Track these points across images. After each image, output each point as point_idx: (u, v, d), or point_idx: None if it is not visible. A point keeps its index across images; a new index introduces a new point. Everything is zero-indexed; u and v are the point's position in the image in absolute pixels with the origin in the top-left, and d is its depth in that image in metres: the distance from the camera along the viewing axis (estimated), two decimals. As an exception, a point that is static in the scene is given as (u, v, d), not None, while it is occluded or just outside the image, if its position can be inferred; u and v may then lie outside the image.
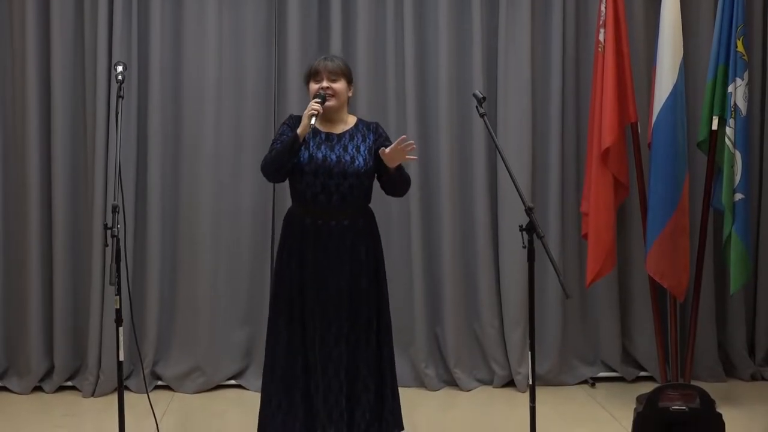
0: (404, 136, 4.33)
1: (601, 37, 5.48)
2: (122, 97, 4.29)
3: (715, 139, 5.37)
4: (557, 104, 6.01)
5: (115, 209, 3.98)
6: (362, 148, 4.46)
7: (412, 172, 5.88)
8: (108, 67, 5.73)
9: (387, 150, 4.30)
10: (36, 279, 5.83)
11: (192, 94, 5.90)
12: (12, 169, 5.87)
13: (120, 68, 4.35)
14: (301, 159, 4.37)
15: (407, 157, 4.34)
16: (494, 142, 4.35)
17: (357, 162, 4.41)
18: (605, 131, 5.37)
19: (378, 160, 4.44)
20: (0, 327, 5.87)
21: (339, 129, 4.50)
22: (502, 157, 4.30)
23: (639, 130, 5.58)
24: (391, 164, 4.37)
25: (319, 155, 4.39)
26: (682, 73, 5.35)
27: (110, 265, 3.89)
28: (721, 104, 5.31)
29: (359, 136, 4.51)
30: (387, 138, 4.59)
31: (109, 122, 5.74)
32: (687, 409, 4.20)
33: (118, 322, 4.06)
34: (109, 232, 3.95)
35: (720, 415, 4.23)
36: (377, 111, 5.94)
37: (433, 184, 6.00)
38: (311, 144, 4.39)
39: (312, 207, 4.39)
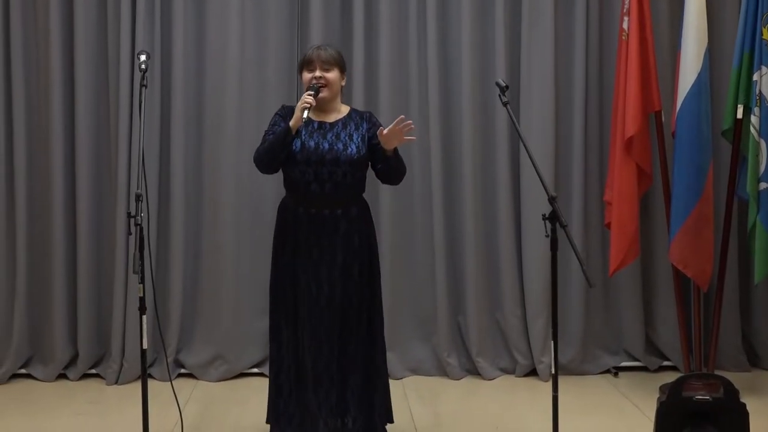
0: (402, 116, 4.29)
1: (624, 25, 5.44)
2: (145, 86, 4.30)
3: (739, 127, 5.32)
4: (580, 93, 5.98)
5: (138, 198, 3.99)
6: (355, 136, 4.46)
7: (435, 160, 5.91)
8: (131, 56, 5.76)
9: (385, 131, 4.27)
10: (60, 267, 5.86)
11: (214, 83, 5.92)
12: (36, 158, 5.90)
13: (143, 57, 4.36)
14: (294, 148, 4.36)
15: (406, 137, 4.31)
16: (517, 130, 4.33)
17: (350, 149, 4.40)
18: (629, 120, 5.34)
19: (371, 149, 4.45)
20: (25, 315, 5.90)
21: (332, 118, 4.50)
22: (525, 145, 4.27)
23: (663, 119, 5.55)
24: (389, 146, 4.34)
25: (311, 143, 4.38)
26: (707, 61, 5.31)
27: (134, 253, 3.91)
28: (746, 93, 5.26)
29: (352, 124, 4.50)
30: (379, 126, 4.56)
31: (133, 111, 5.76)
32: (710, 399, 4.17)
33: (142, 310, 4.08)
34: (132, 220, 3.97)
35: (744, 405, 4.20)
36: (400, 98, 5.94)
37: (455, 173, 5.99)
38: (303, 133, 4.38)
39: (305, 196, 4.39)
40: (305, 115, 4.22)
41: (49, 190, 5.86)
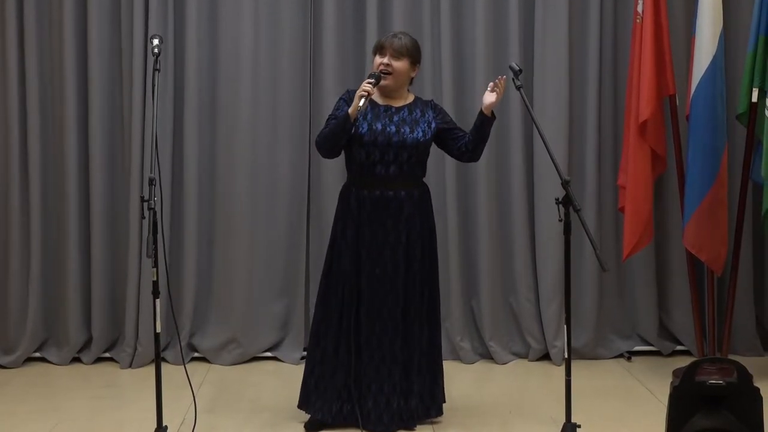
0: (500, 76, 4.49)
1: (639, 8, 5.41)
2: (158, 70, 4.29)
3: (754, 111, 5.29)
4: (594, 76, 5.95)
5: (151, 182, 3.99)
6: (421, 122, 4.57)
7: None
8: (144, 41, 5.75)
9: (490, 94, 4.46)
10: (74, 251, 5.88)
11: (228, 68, 5.91)
12: (50, 142, 5.91)
13: (156, 41, 4.35)
14: (360, 130, 4.46)
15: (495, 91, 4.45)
16: (531, 114, 4.35)
17: (416, 132, 4.51)
18: (643, 104, 5.32)
19: (441, 135, 4.62)
20: (39, 299, 5.92)
21: (398, 103, 4.60)
22: (538, 129, 4.28)
23: (677, 103, 5.53)
24: (495, 105, 4.47)
25: (378, 126, 4.48)
26: (722, 44, 5.29)
27: (147, 237, 3.92)
28: (762, 76, 5.23)
29: (417, 110, 4.61)
30: (445, 112, 4.74)
31: (146, 95, 5.76)
32: (724, 384, 4.16)
33: (155, 294, 4.09)
34: (146, 204, 3.97)
35: (757, 389, 4.19)
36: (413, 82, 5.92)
37: (468, 156, 5.97)
38: (369, 116, 4.49)
39: (370, 178, 4.49)
40: (361, 103, 4.33)
41: (63, 174, 5.87)
